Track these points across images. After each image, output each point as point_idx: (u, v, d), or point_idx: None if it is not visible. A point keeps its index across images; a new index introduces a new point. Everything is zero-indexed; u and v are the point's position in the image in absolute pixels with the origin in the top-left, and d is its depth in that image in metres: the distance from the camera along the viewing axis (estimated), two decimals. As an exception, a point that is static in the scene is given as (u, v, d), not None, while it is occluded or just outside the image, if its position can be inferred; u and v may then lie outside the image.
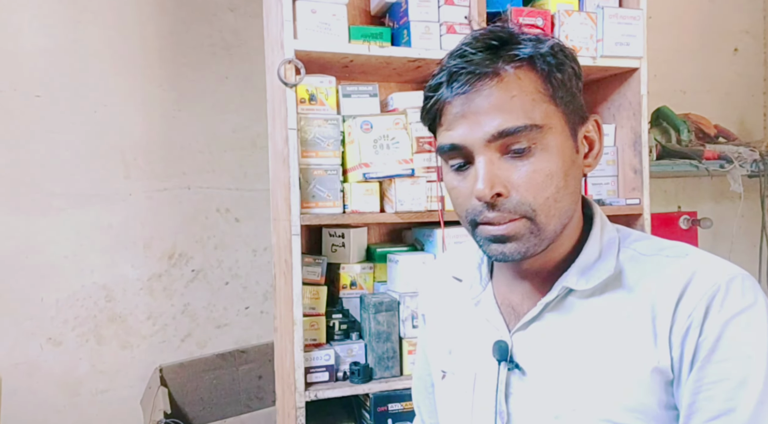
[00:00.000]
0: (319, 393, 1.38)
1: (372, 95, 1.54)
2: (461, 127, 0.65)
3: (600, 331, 0.66)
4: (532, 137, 0.64)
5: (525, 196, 0.64)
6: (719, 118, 2.59)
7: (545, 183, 0.64)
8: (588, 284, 0.67)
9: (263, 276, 2.30)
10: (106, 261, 2.11)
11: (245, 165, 2.28)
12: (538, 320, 0.70)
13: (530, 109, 0.64)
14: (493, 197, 0.64)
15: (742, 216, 2.63)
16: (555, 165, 0.65)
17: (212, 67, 2.24)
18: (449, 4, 1.49)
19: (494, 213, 0.65)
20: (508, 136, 0.63)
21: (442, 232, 1.48)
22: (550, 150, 0.65)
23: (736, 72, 2.86)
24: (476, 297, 0.77)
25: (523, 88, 0.64)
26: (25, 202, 2.02)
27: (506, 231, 0.65)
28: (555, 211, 0.66)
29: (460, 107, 0.65)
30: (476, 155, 0.65)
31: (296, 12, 1.38)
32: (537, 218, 0.65)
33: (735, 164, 2.20)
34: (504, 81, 0.64)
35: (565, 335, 0.68)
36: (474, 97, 0.64)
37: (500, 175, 0.64)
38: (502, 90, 0.64)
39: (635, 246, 0.70)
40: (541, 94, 0.65)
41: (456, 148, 0.66)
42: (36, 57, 2.03)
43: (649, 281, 0.66)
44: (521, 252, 0.66)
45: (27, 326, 2.02)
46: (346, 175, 1.48)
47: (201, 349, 2.21)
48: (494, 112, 0.63)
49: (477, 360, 0.75)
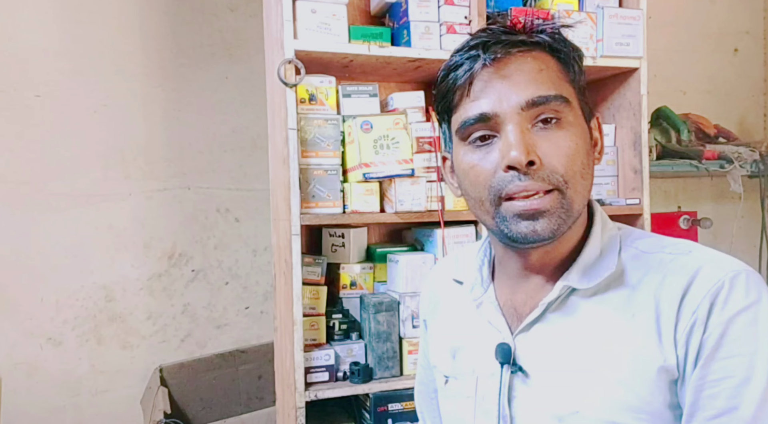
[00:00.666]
0: (319, 393, 1.38)
1: (372, 95, 1.54)
2: (492, 96, 0.65)
3: (603, 331, 0.66)
4: (561, 109, 0.65)
5: (556, 166, 0.63)
6: (719, 118, 2.59)
7: (574, 156, 0.64)
8: (590, 283, 0.67)
9: (263, 276, 2.30)
10: (106, 261, 2.10)
11: (245, 165, 2.28)
12: (541, 321, 0.69)
13: (558, 84, 0.66)
14: (527, 165, 0.63)
15: (742, 216, 2.63)
16: (579, 142, 0.65)
17: (212, 67, 2.24)
18: (449, 4, 1.49)
19: (527, 182, 0.63)
20: (541, 106, 0.64)
21: (442, 232, 1.48)
22: (575, 126, 0.66)
23: (736, 72, 2.86)
24: (478, 299, 0.76)
25: (549, 67, 0.66)
26: (25, 202, 2.02)
27: (539, 205, 0.63)
28: (581, 188, 0.66)
29: (490, 76, 0.65)
30: (506, 124, 0.64)
31: (296, 12, 1.38)
32: (567, 192, 0.64)
33: (735, 164, 2.20)
34: (533, 55, 0.66)
35: (568, 336, 0.67)
36: (507, 66, 0.65)
37: (532, 143, 0.64)
38: (532, 62, 0.65)
39: (637, 244, 0.70)
40: (563, 76, 0.67)
41: (484, 118, 0.65)
42: (36, 57, 2.03)
43: (652, 279, 0.65)
44: (553, 229, 0.64)
45: (27, 326, 2.02)
46: (346, 175, 1.48)
47: (201, 349, 2.21)
48: (528, 81, 0.64)
49: (480, 363, 0.74)
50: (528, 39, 0.66)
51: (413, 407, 1.41)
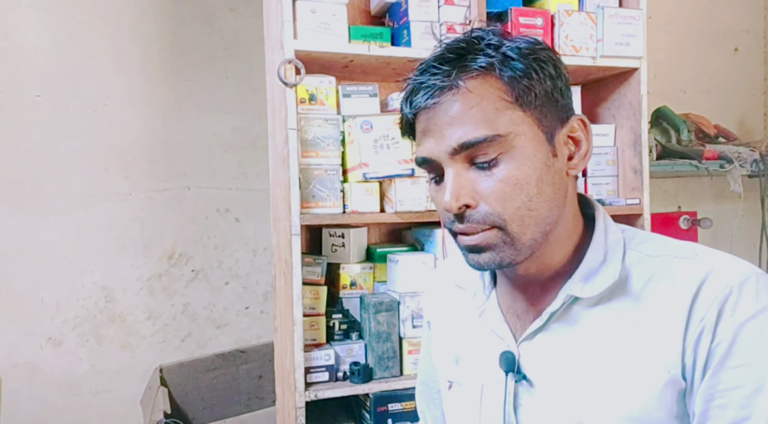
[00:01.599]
0: (319, 393, 1.38)
1: (372, 95, 1.54)
2: (428, 141, 0.66)
3: (608, 341, 0.64)
4: (497, 147, 0.62)
5: (494, 206, 0.63)
6: (719, 118, 2.59)
7: (514, 192, 0.63)
8: (593, 291, 0.65)
9: (263, 276, 2.30)
10: (106, 261, 2.11)
11: (245, 165, 2.28)
12: (544, 330, 0.68)
13: (492, 118, 0.62)
14: (461, 208, 0.63)
15: (742, 216, 2.63)
16: (524, 173, 0.63)
17: (212, 67, 2.24)
18: (449, 4, 1.49)
19: (464, 224, 0.64)
20: (470, 148, 0.62)
21: (442, 232, 1.48)
22: (518, 158, 0.63)
23: (736, 72, 2.86)
24: (480, 307, 0.76)
25: (484, 97, 0.63)
26: (25, 202, 2.02)
27: (478, 241, 0.64)
28: (529, 220, 0.64)
29: (424, 122, 0.66)
30: (445, 167, 0.65)
31: (296, 12, 1.38)
32: (509, 228, 0.63)
33: (735, 164, 2.20)
34: (462, 93, 0.63)
35: (572, 345, 0.66)
36: (435, 111, 0.64)
37: (468, 186, 0.64)
38: (461, 102, 0.63)
39: (642, 247, 0.68)
40: (505, 102, 0.63)
41: (426, 161, 0.67)
42: (36, 57, 2.03)
43: (657, 286, 0.63)
44: (496, 261, 0.65)
45: (27, 326, 2.02)
46: (346, 175, 1.48)
47: (201, 349, 2.21)
48: (455, 124, 0.63)
49: (484, 371, 0.73)
50: (460, 74, 0.63)
51: (413, 407, 1.41)
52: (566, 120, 0.67)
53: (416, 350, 1.47)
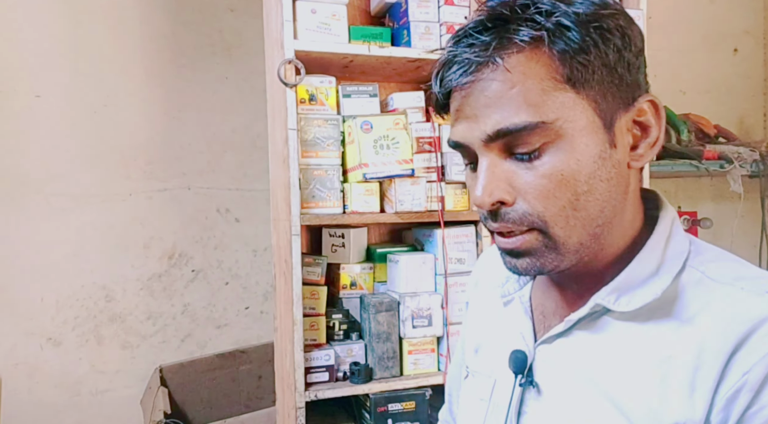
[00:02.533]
0: (319, 393, 1.38)
1: (372, 95, 1.54)
2: (461, 124, 0.57)
3: (631, 364, 0.55)
4: (540, 136, 0.53)
5: (534, 205, 0.54)
6: (719, 119, 2.59)
7: (559, 190, 0.53)
8: (627, 306, 0.56)
9: (263, 276, 2.30)
10: (106, 261, 2.11)
11: (245, 165, 2.28)
12: (566, 335, 0.61)
13: (537, 102, 0.52)
14: (495, 205, 0.55)
15: (742, 216, 2.63)
16: (573, 167, 0.53)
17: (212, 68, 2.24)
18: (449, 5, 1.49)
19: (498, 223, 0.56)
20: (508, 136, 0.53)
21: (442, 232, 1.48)
22: (566, 149, 0.53)
23: (736, 72, 2.86)
24: (508, 295, 0.69)
25: (529, 76, 0.52)
26: (25, 202, 2.02)
27: (515, 245, 0.56)
28: (575, 221, 0.54)
29: (458, 101, 0.57)
30: (479, 155, 0.56)
31: (296, 12, 1.38)
32: (551, 231, 0.55)
33: (735, 164, 2.19)
34: (502, 70, 0.53)
35: (591, 358, 0.58)
36: (471, 91, 0.55)
37: (504, 179, 0.55)
38: (500, 81, 0.53)
39: (706, 268, 0.56)
40: (555, 82, 0.53)
41: (460, 146, 0.58)
42: (36, 57, 2.03)
43: (706, 317, 0.52)
44: (536, 268, 0.56)
45: (27, 326, 2.02)
46: (346, 176, 1.48)
47: (201, 349, 2.21)
48: (492, 107, 0.53)
49: (499, 366, 0.67)
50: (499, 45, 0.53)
51: (413, 407, 1.41)
52: (632, 101, 0.56)
53: (416, 350, 1.47)
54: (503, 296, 0.69)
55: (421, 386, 1.44)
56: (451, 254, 1.49)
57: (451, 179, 1.52)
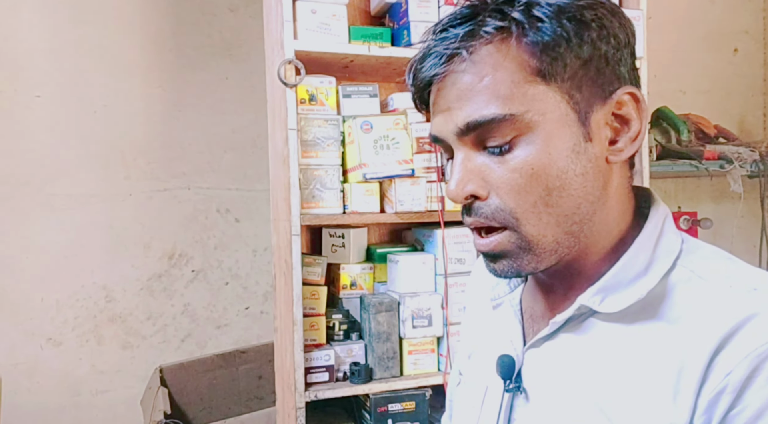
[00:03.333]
0: (319, 393, 1.38)
1: (372, 96, 1.54)
2: (437, 118, 0.57)
3: (618, 368, 0.53)
4: (511, 128, 0.52)
5: (506, 200, 0.53)
6: (719, 119, 2.59)
7: (530, 184, 0.52)
8: (612, 307, 0.54)
9: (263, 276, 2.30)
10: (106, 261, 2.11)
11: (245, 165, 2.28)
12: (552, 338, 0.59)
13: (506, 94, 0.52)
14: (468, 199, 0.55)
15: (742, 216, 2.63)
16: (543, 161, 0.52)
17: (212, 68, 2.24)
18: (449, 5, 1.49)
19: (471, 218, 0.56)
20: (479, 129, 0.53)
21: (442, 232, 1.48)
22: (537, 143, 0.52)
23: (736, 72, 2.86)
24: (498, 299, 0.67)
25: (498, 67, 0.52)
26: (25, 202, 2.02)
27: (490, 247, 0.56)
28: (549, 217, 0.53)
29: (434, 95, 0.57)
30: (454, 150, 0.56)
31: (296, 12, 1.38)
32: (522, 229, 0.53)
33: (735, 165, 2.19)
34: (473, 62, 0.52)
35: (578, 361, 0.56)
36: (444, 83, 0.55)
37: (477, 173, 0.54)
38: (471, 73, 0.53)
39: (697, 265, 0.54)
40: (525, 73, 0.52)
41: (437, 140, 0.58)
42: (36, 57, 2.03)
43: (693, 317, 0.50)
44: (514, 270, 0.55)
45: (27, 326, 2.02)
46: (346, 176, 1.48)
47: (201, 349, 2.21)
48: (463, 99, 0.53)
49: (490, 372, 0.64)
50: (468, 37, 0.53)
51: (413, 407, 1.41)
52: (610, 94, 0.54)
53: (416, 351, 1.47)
54: (493, 300, 0.68)
55: (421, 386, 1.44)
56: (451, 254, 1.49)
57: (451, 179, 1.51)
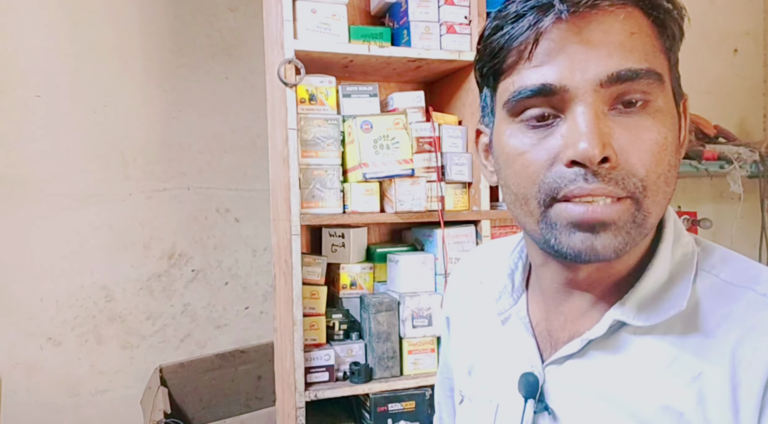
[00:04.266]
0: (319, 393, 1.38)
1: (372, 95, 1.54)
2: (563, 62, 0.48)
3: (661, 383, 0.50)
4: (652, 90, 0.48)
5: (636, 166, 0.47)
6: (719, 119, 2.59)
7: (661, 154, 0.48)
8: (649, 321, 0.51)
9: (263, 276, 2.30)
10: (106, 261, 2.11)
11: (245, 165, 2.28)
12: (580, 356, 0.55)
13: (652, 54, 0.49)
14: (599, 163, 0.47)
15: (742, 217, 2.63)
16: (670, 134, 0.49)
17: (212, 68, 2.24)
18: (449, 4, 1.49)
19: (595, 184, 0.47)
20: (627, 82, 0.47)
21: (442, 232, 1.48)
22: (665, 114, 0.49)
23: (736, 73, 2.86)
24: (504, 313, 0.63)
25: (643, 29, 0.49)
26: (25, 202, 2.02)
27: (604, 214, 0.47)
28: (662, 196, 0.49)
29: (564, 35, 0.48)
30: (577, 103, 0.48)
31: (296, 12, 1.38)
32: (644, 201, 0.48)
33: (735, 165, 2.20)
34: (624, 13, 0.48)
35: (611, 379, 0.52)
36: (588, 24, 0.48)
37: (609, 133, 0.47)
38: (622, 22, 0.48)
39: (720, 270, 0.52)
40: (657, 46, 0.50)
41: (546, 91, 0.49)
42: (36, 57, 2.03)
43: (733, 329, 0.48)
44: (617, 248, 0.48)
45: (27, 326, 2.02)
46: (346, 176, 1.48)
47: (201, 349, 2.21)
48: (614, 46, 0.47)
49: (500, 389, 0.61)
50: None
51: (413, 407, 1.41)
52: (681, 96, 0.53)
53: (416, 350, 1.47)
54: (500, 314, 0.63)
55: (421, 386, 1.44)
56: (451, 254, 1.49)
57: (451, 179, 1.52)
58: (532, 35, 0.49)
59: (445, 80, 1.67)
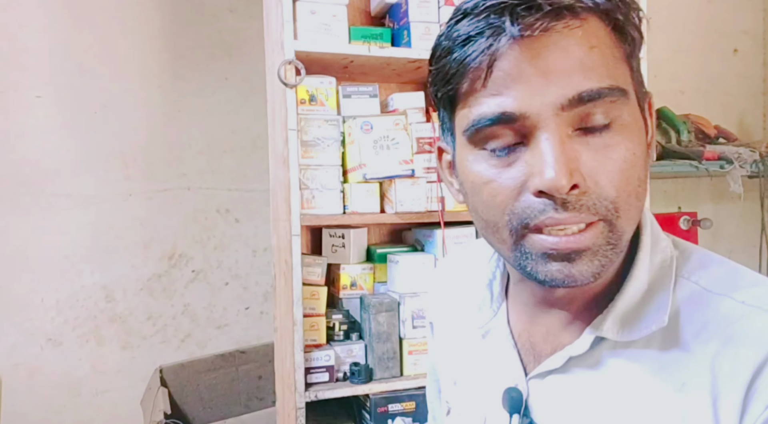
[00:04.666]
0: (319, 394, 1.38)
1: (372, 96, 1.54)
2: (521, 88, 0.46)
3: (640, 400, 0.49)
4: (615, 107, 0.46)
5: (607, 188, 0.46)
6: (719, 119, 2.59)
7: (630, 171, 0.47)
8: (631, 336, 0.50)
9: (263, 277, 2.30)
10: (106, 261, 2.10)
11: (245, 166, 2.28)
12: (561, 371, 0.54)
13: (614, 68, 0.47)
14: (569, 190, 0.45)
15: (742, 217, 2.64)
16: (638, 148, 0.47)
17: (212, 68, 2.24)
18: (449, 5, 1.49)
19: (566, 213, 0.46)
20: (590, 102, 0.45)
21: (442, 232, 1.48)
22: (631, 127, 0.48)
23: (736, 72, 2.86)
24: (484, 326, 0.61)
25: (604, 40, 0.47)
26: (25, 202, 2.02)
27: (578, 243, 0.46)
28: (635, 211, 0.48)
29: (520, 58, 0.45)
30: (541, 129, 0.46)
31: (296, 13, 1.39)
32: (617, 222, 0.47)
33: (735, 165, 2.20)
34: (581, 30, 0.46)
35: (593, 396, 0.52)
36: (544, 46, 0.45)
37: (575, 158, 0.46)
38: (580, 39, 0.45)
39: (699, 276, 0.51)
40: (618, 54, 0.48)
41: (507, 119, 0.47)
42: (36, 57, 2.03)
43: (710, 340, 0.47)
44: (594, 272, 0.47)
45: (27, 326, 2.02)
46: (346, 176, 1.48)
47: (201, 349, 2.21)
48: (572, 67, 0.45)
49: (486, 401, 0.60)
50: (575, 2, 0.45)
51: (413, 407, 1.42)
52: (644, 94, 0.52)
53: (416, 351, 1.47)
54: (480, 328, 0.62)
55: (421, 386, 1.44)
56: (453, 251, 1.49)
57: (451, 180, 1.52)
58: (485, 61, 0.46)
59: (445, 81, 1.67)
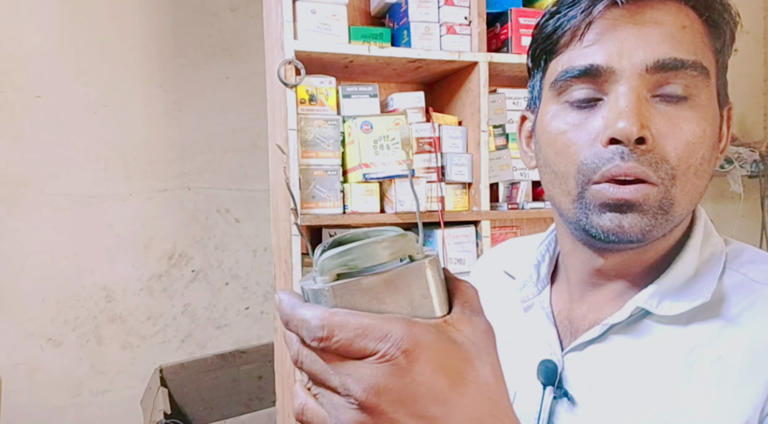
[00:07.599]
0: (319, 394, 1.38)
1: (372, 96, 1.54)
2: (611, 45, 0.51)
3: (680, 369, 0.51)
4: (695, 83, 0.50)
5: (670, 154, 0.49)
6: (719, 119, 2.59)
7: (695, 145, 0.50)
8: (672, 311, 0.52)
9: (263, 276, 2.30)
10: (106, 261, 2.11)
11: (245, 165, 2.28)
12: (600, 341, 0.56)
13: (701, 48, 0.51)
14: (635, 142, 0.49)
15: (742, 216, 2.64)
16: (708, 129, 0.50)
17: (212, 68, 2.24)
18: (449, 5, 1.49)
19: (630, 163, 0.49)
20: (672, 71, 0.49)
21: (442, 232, 1.48)
22: (706, 109, 0.51)
23: (736, 72, 2.85)
24: (528, 300, 0.64)
25: (693, 24, 0.51)
26: (25, 202, 2.02)
27: (630, 195, 0.49)
28: (691, 188, 0.51)
29: (618, 19, 0.51)
30: (621, 84, 0.50)
31: (296, 12, 1.38)
32: (672, 188, 0.50)
33: (735, 165, 2.20)
34: (676, 7, 0.51)
35: (631, 363, 0.53)
36: (642, 11, 0.50)
37: (648, 116, 0.49)
38: (674, 15, 0.50)
39: (747, 270, 0.54)
40: (707, 44, 0.52)
41: (592, 72, 0.51)
42: (36, 57, 2.03)
43: (758, 317, 0.50)
44: (643, 229, 0.50)
45: (27, 326, 2.02)
46: (346, 176, 1.48)
47: (201, 349, 2.21)
48: (663, 36, 0.50)
49: (519, 376, 0.61)
50: None
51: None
52: (726, 103, 0.55)
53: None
54: (523, 301, 0.65)
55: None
56: (451, 255, 1.49)
57: (451, 179, 1.52)
58: (584, 19, 0.52)
59: (445, 81, 1.67)
